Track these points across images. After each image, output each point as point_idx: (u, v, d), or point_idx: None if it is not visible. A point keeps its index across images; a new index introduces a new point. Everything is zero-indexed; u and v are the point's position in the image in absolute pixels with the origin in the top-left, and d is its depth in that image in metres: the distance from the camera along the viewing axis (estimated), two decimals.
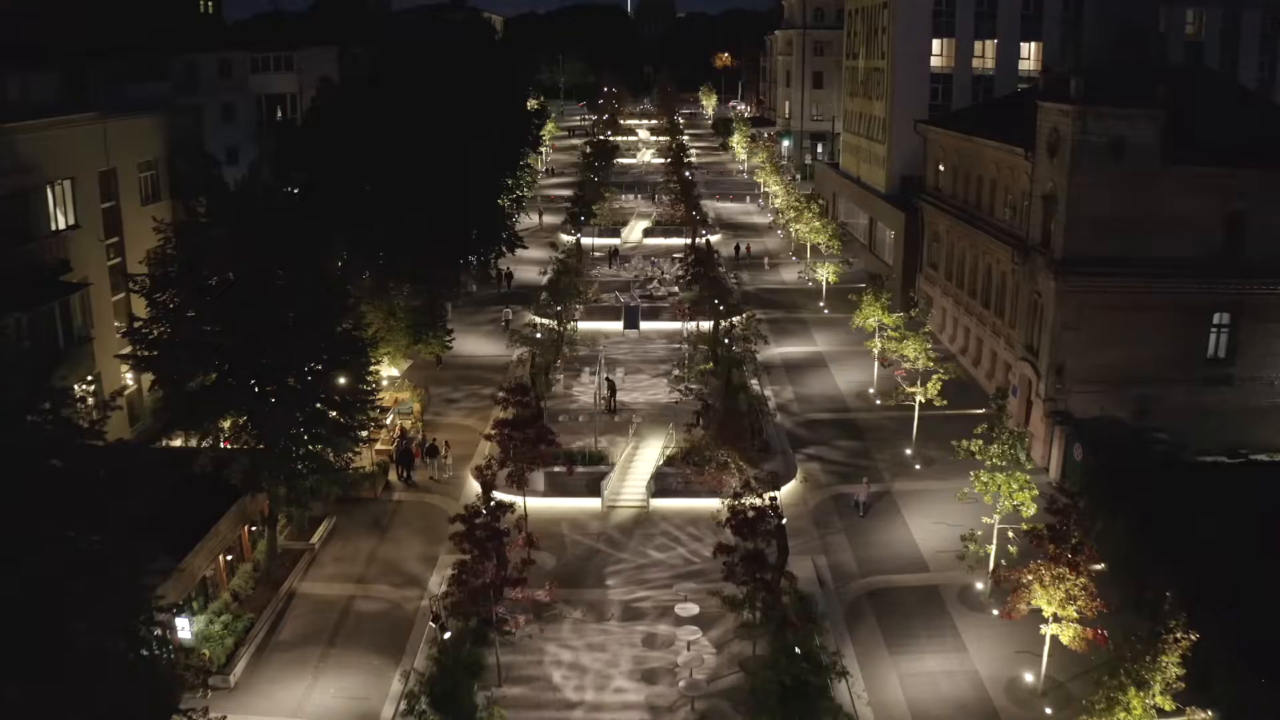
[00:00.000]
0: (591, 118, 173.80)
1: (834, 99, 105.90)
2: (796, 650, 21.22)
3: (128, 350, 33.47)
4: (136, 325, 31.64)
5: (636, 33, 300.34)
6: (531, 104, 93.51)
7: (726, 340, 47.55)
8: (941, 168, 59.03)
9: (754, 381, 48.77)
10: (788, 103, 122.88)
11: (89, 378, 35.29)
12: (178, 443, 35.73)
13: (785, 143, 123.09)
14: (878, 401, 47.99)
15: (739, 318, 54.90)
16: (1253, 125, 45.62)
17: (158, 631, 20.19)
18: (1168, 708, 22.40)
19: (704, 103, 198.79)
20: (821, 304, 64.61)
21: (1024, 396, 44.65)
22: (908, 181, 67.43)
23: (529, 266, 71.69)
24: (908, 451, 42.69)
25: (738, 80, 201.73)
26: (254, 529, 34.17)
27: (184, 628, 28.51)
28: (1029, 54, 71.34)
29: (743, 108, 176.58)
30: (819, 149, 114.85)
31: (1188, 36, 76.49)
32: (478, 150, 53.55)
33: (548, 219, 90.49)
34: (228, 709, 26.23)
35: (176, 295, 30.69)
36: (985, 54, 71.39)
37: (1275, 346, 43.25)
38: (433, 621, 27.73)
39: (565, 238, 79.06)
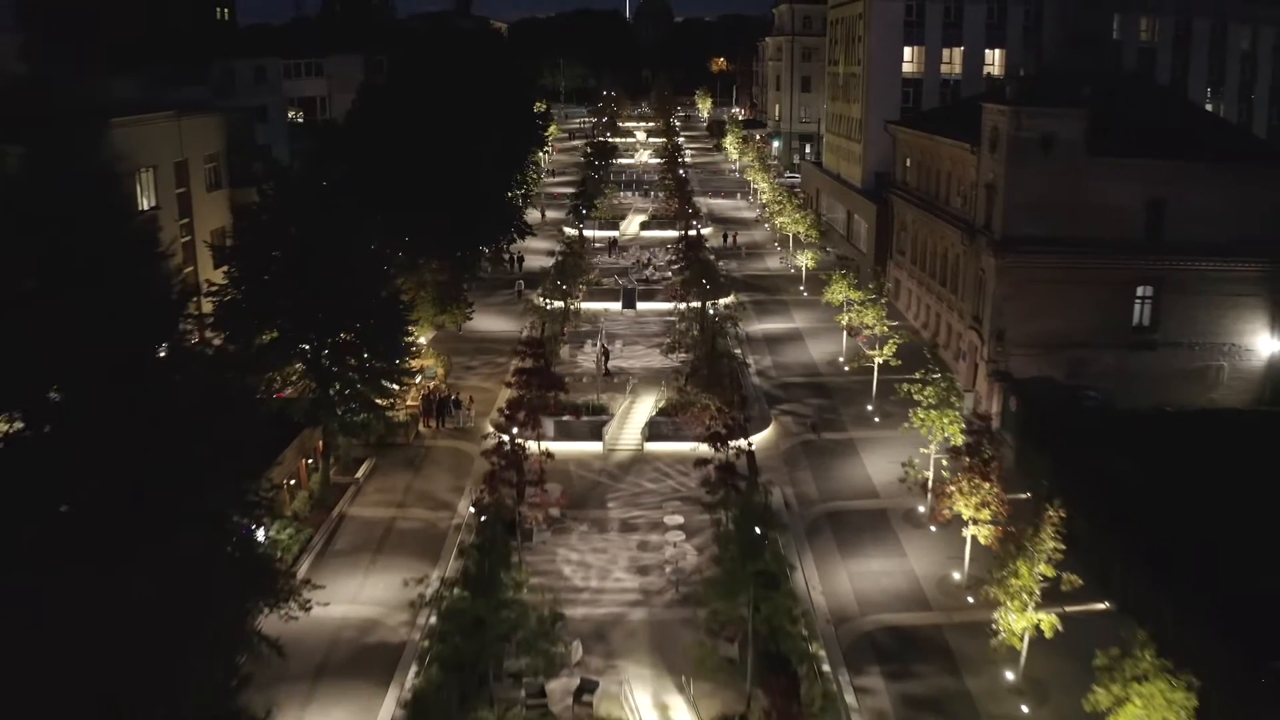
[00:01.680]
0: (591, 120, 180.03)
1: (821, 102, 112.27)
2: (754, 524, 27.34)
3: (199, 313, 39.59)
4: (212, 289, 37.86)
5: (635, 37, 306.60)
6: (539, 107, 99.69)
7: (712, 312, 53.86)
8: (908, 163, 65.45)
9: (737, 351, 55.06)
10: (778, 106, 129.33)
11: None
12: None
13: (775, 144, 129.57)
14: (845, 367, 54.43)
15: (726, 299, 61.22)
16: (1176, 124, 51.94)
17: (267, 499, 26.33)
18: (1049, 574, 28.51)
19: (699, 106, 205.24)
20: (801, 287, 71.05)
21: (971, 360, 50.96)
22: (881, 177, 73.82)
23: (535, 256, 78.23)
24: (868, 407, 49.05)
25: (733, 84, 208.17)
26: (310, 462, 40.41)
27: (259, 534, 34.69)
28: (993, 60, 77.79)
29: (737, 110, 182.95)
30: (807, 149, 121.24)
31: (1142, 43, 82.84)
32: (490, 148, 59.87)
33: (550, 214, 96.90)
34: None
35: (249, 264, 36.91)
36: (953, 60, 77.84)
37: (1193, 316, 49.35)
38: (472, 507, 33.90)
39: (569, 230, 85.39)
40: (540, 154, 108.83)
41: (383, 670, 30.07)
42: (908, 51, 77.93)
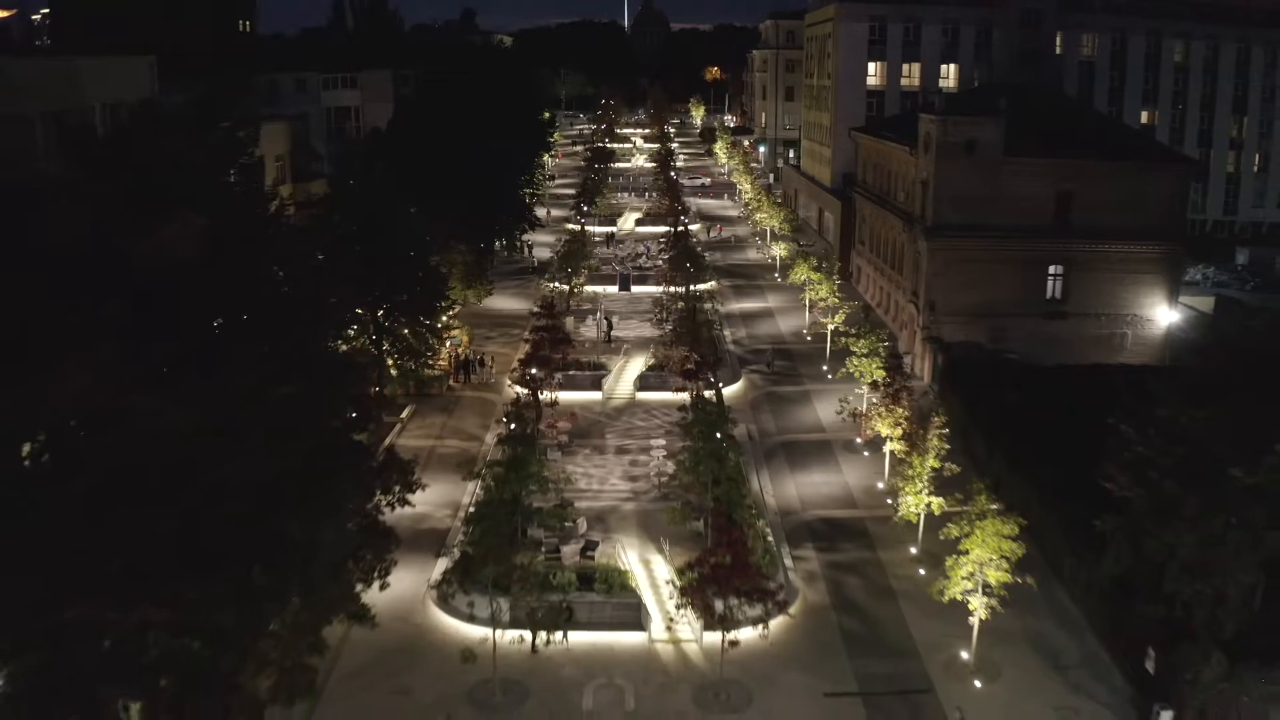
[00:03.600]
0: (591, 127, 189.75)
1: (802, 111, 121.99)
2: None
3: None
4: None
5: (633, 47, 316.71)
6: (546, 115, 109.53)
7: (695, 290, 63.67)
8: (866, 165, 75.18)
9: (716, 325, 64.80)
10: (764, 114, 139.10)
11: None
12: None
13: (761, 149, 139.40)
14: (808, 337, 64.19)
15: (709, 284, 70.88)
16: (1083, 128, 61.75)
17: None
18: (936, 465, 37.97)
19: (693, 113, 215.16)
20: (775, 275, 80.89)
21: (910, 328, 60.58)
22: (847, 178, 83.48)
23: (541, 249, 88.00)
24: (823, 367, 58.69)
25: (725, 92, 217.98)
26: None
27: None
28: (948, 74, 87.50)
29: (728, 118, 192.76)
30: (791, 154, 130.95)
31: (1083, 57, 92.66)
32: (504, 151, 69.66)
33: (555, 213, 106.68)
34: None
35: (320, 241, 46.45)
36: (912, 74, 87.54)
37: (1099, 290, 58.78)
38: (504, 417, 43.33)
39: (572, 226, 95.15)
40: (546, 157, 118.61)
41: (433, 545, 39.45)
42: (871, 66, 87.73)
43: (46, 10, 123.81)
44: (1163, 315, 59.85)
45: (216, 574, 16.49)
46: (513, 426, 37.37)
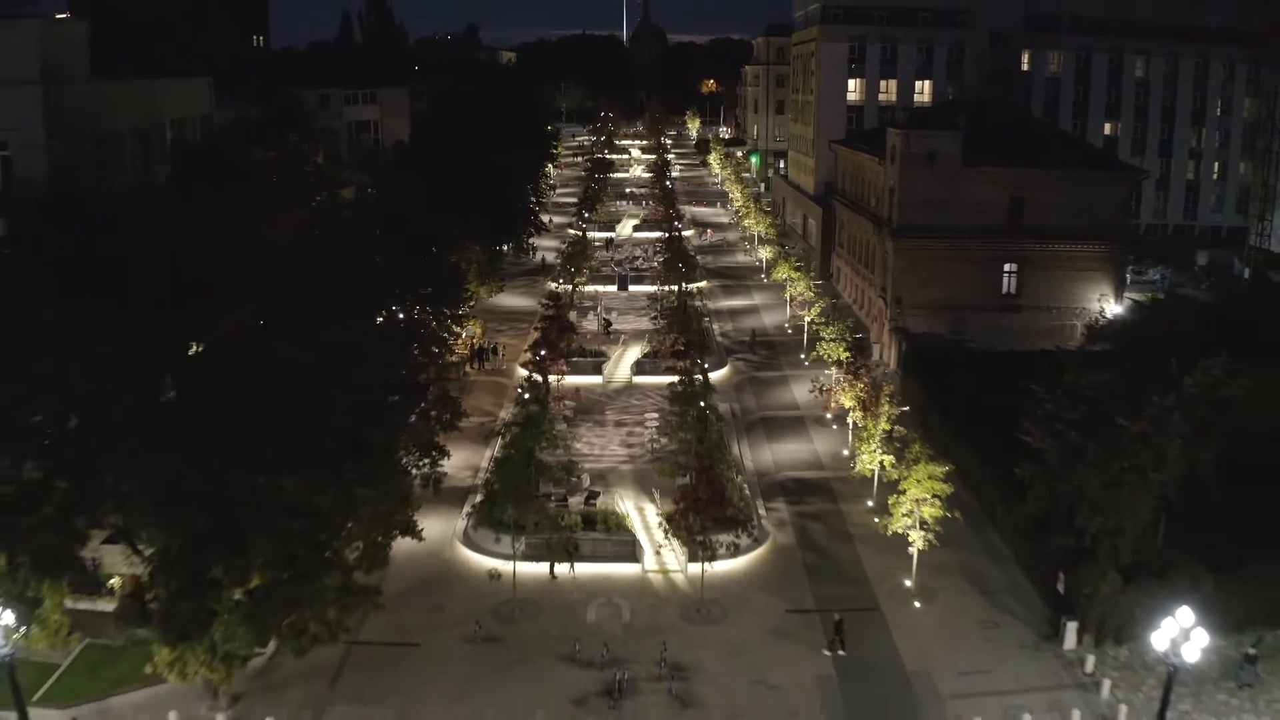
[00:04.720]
0: (591, 139, 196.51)
1: (789, 124, 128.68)
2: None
3: None
4: None
5: (632, 60, 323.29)
6: (549, 128, 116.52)
7: (686, 287, 70.36)
8: (844, 174, 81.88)
9: (706, 318, 71.39)
10: (756, 126, 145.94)
11: None
12: None
13: (754, 160, 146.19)
14: (788, 329, 70.83)
15: (698, 284, 77.49)
16: (1034, 139, 68.40)
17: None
18: (887, 428, 44.44)
19: (689, 125, 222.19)
20: (761, 275, 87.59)
21: (880, 321, 67.13)
22: (829, 186, 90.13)
23: (546, 252, 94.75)
24: (801, 355, 65.22)
25: (720, 105, 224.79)
26: None
27: None
28: (923, 89, 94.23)
29: (723, 130, 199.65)
30: (781, 165, 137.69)
31: (1049, 74, 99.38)
32: (512, 162, 76.46)
33: (557, 220, 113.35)
34: None
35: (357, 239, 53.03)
36: (889, 90, 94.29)
37: (1050, 286, 65.27)
38: (519, 388, 49.93)
39: (573, 232, 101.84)
40: (550, 167, 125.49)
41: (458, 499, 45.91)
42: (852, 83, 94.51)
43: None
44: (1109, 308, 66.21)
45: (323, 466, 22.97)
46: (526, 396, 43.85)
